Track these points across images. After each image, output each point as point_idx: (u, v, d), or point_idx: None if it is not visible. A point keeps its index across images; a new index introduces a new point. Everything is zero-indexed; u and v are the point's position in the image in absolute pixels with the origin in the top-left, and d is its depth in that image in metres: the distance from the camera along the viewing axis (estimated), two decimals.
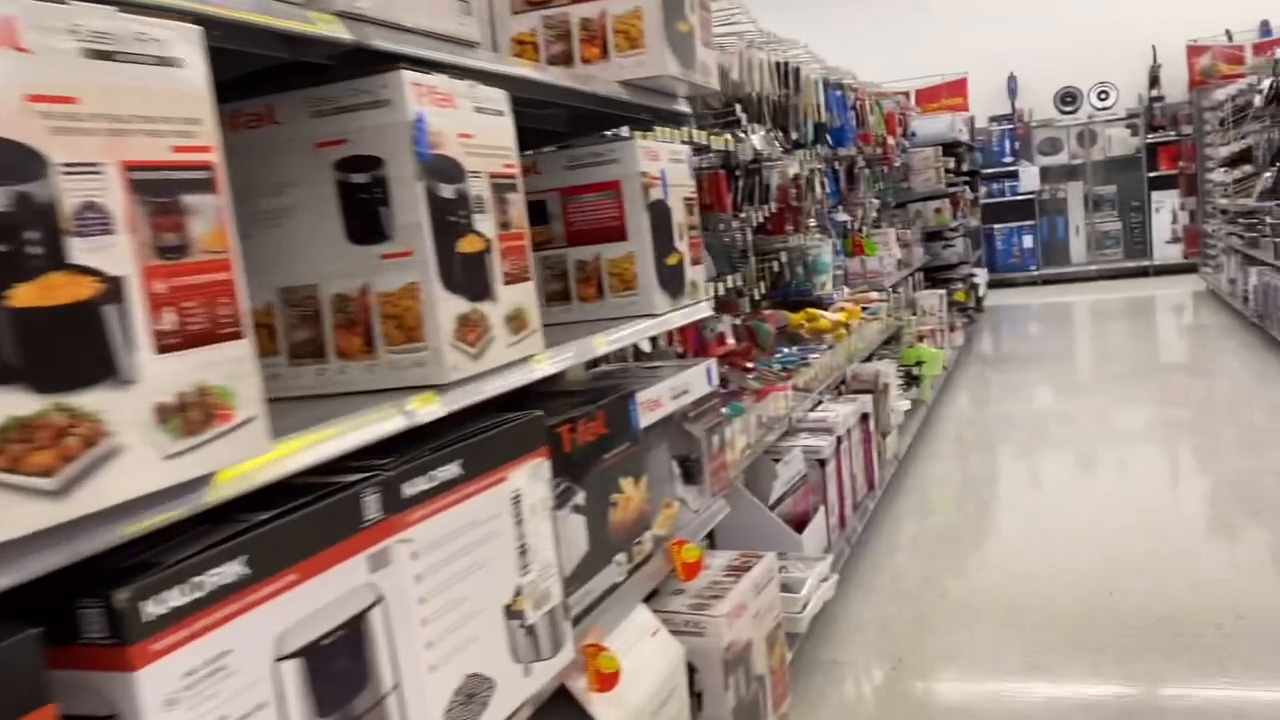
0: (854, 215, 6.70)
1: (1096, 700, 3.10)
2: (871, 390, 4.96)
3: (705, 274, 3.74)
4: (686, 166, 2.55)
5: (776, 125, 4.92)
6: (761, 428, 3.73)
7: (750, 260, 4.33)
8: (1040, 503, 5.01)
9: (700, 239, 2.59)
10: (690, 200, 2.56)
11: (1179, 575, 3.88)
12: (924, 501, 5.16)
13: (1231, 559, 4.04)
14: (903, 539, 4.59)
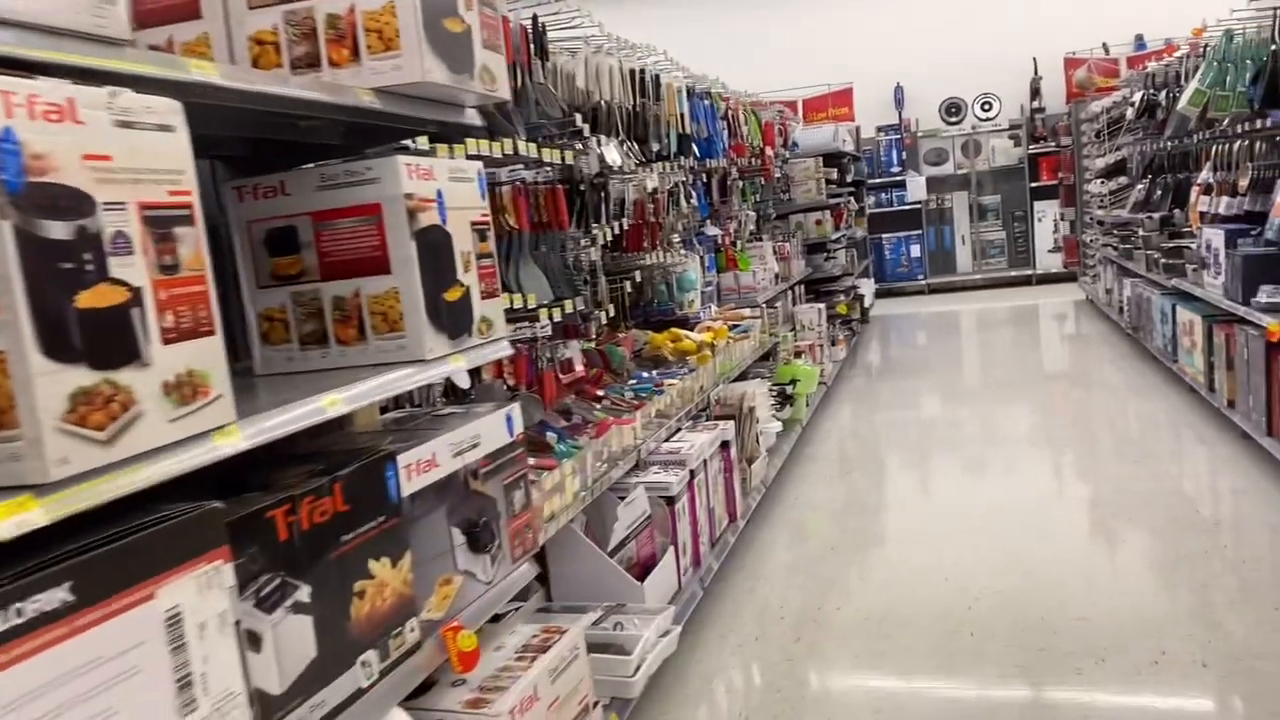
0: (727, 229, 6.46)
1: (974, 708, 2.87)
2: (735, 415, 4.71)
3: (540, 297, 3.44)
4: (476, 185, 2.23)
5: (633, 136, 4.64)
6: (604, 463, 3.42)
7: (600, 280, 4.03)
8: (919, 520, 4.82)
9: (494, 269, 2.27)
10: (482, 224, 2.24)
11: (1064, 585, 3.70)
12: (796, 527, 4.93)
13: (1111, 566, 3.89)
14: (769, 571, 4.34)
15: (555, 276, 3.60)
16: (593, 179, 3.89)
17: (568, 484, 3.10)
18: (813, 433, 6.68)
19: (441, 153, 2.71)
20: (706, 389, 4.81)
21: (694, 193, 5.67)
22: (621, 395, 4.07)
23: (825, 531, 4.88)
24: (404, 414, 2.47)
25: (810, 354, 7.30)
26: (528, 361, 3.37)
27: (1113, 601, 3.72)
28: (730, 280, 6.42)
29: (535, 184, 3.57)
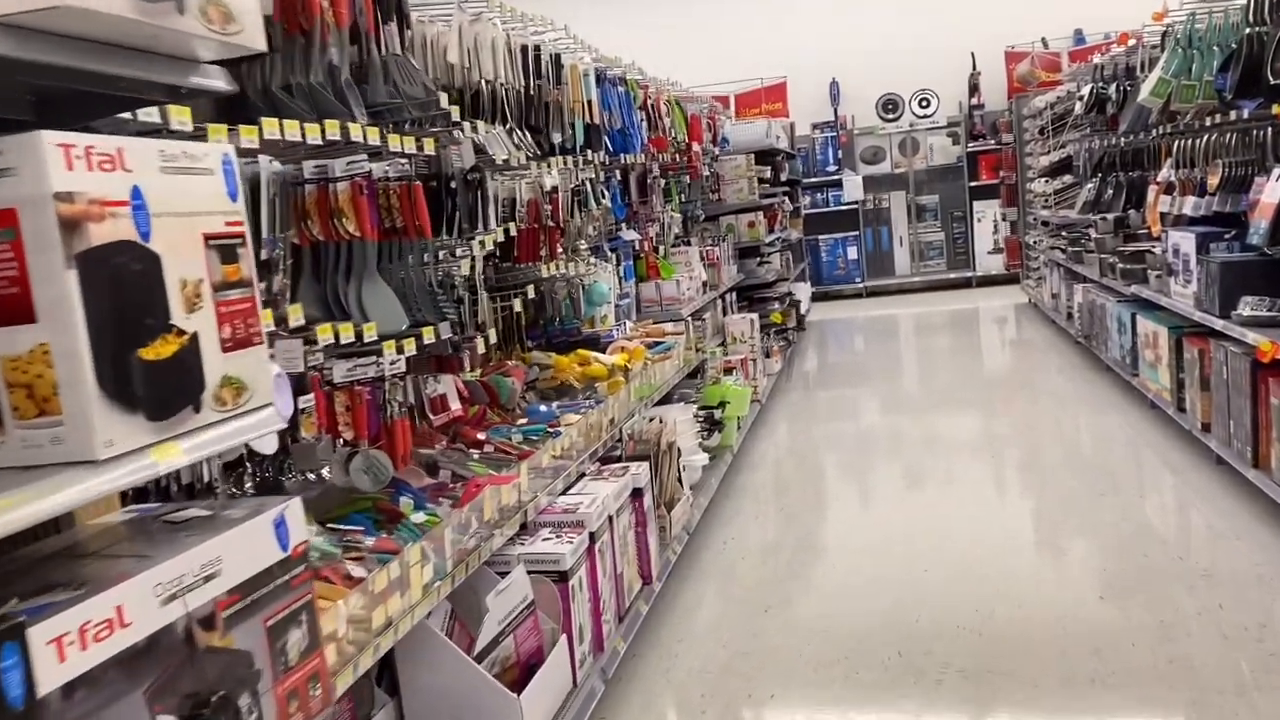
0: (647, 233, 5.75)
1: None
2: (652, 454, 3.99)
3: (388, 324, 2.68)
4: (219, 180, 1.48)
5: (525, 125, 3.90)
6: (473, 536, 2.68)
7: (480, 298, 3.29)
8: (863, 559, 4.16)
9: (251, 303, 1.52)
10: (228, 238, 1.48)
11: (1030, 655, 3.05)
12: (725, 579, 4.24)
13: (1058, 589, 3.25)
14: (692, 643, 3.63)
15: (414, 297, 2.85)
16: (465, 174, 3.14)
17: (415, 576, 2.35)
18: (745, 458, 5.99)
19: (214, 133, 1.96)
20: (618, 421, 4.09)
21: (606, 192, 4.95)
22: (508, 438, 3.33)
23: (759, 582, 4.18)
24: (146, 511, 1.70)
25: (743, 369, 6.62)
26: (370, 408, 2.63)
27: (1104, 697, 3.07)
28: (651, 291, 5.71)
29: (385, 180, 2.82)
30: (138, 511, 1.67)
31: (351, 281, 2.72)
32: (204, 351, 1.42)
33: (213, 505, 1.63)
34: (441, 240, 3.15)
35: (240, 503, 1.64)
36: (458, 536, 2.61)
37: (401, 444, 2.70)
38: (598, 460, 3.78)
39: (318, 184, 2.68)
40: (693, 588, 4.12)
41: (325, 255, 2.73)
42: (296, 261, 2.72)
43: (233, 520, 1.53)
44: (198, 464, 2.01)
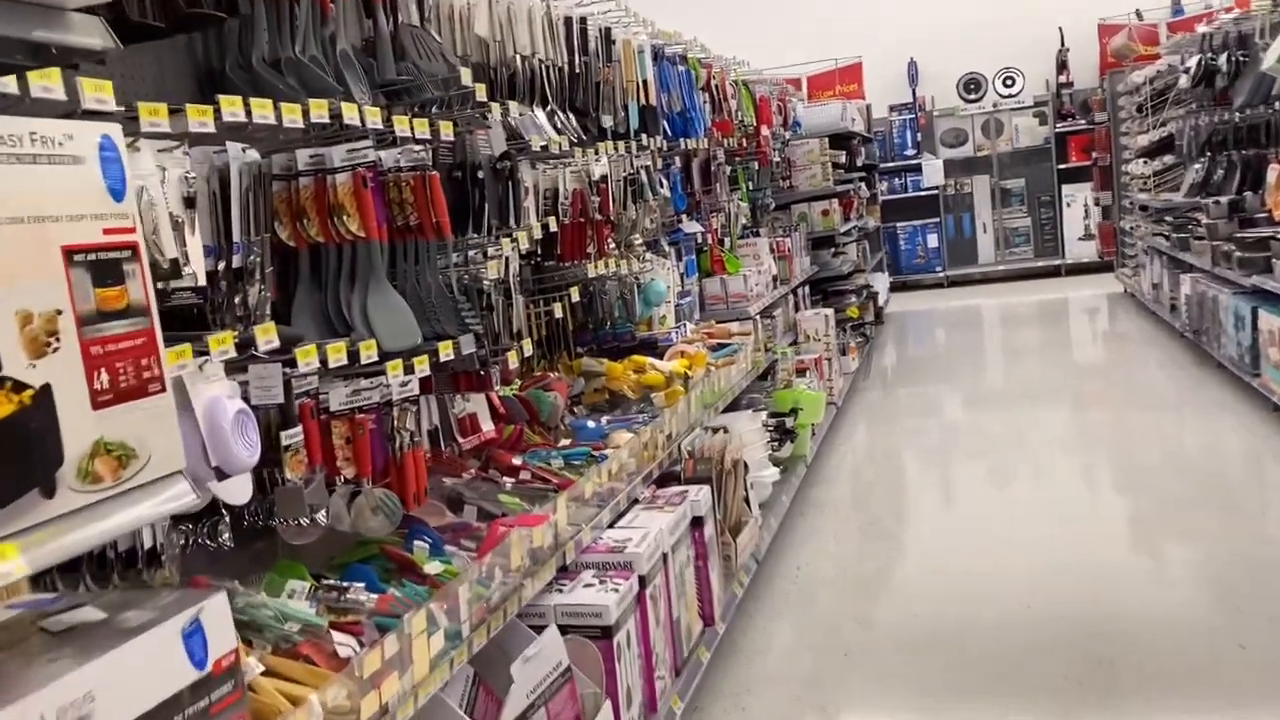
0: (711, 224, 5.29)
1: None
2: (714, 476, 3.54)
3: (396, 340, 2.28)
4: (89, 171, 1.08)
5: (569, 107, 3.47)
6: (496, 591, 2.27)
7: (515, 303, 2.87)
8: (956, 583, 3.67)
9: (149, 337, 1.12)
10: (103, 251, 1.08)
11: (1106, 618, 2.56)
12: (799, 615, 3.78)
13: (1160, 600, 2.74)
14: (763, 686, 3.19)
15: (431, 306, 2.44)
16: (494, 163, 2.73)
17: (420, 648, 1.95)
18: (820, 469, 5.50)
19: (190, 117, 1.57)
20: (677, 437, 3.65)
21: (665, 181, 4.50)
22: (546, 463, 2.91)
23: (837, 616, 3.71)
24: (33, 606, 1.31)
25: (817, 370, 6.13)
26: (375, 438, 2.23)
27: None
28: (715, 287, 5.25)
29: (396, 171, 2.41)
30: (22, 607, 1.28)
31: (355, 290, 2.32)
32: (61, 411, 1.01)
33: (112, 602, 1.23)
34: (467, 239, 2.74)
35: (150, 599, 1.24)
36: (478, 592, 2.20)
37: (414, 480, 2.29)
38: (652, 483, 3.35)
39: (314, 176, 2.28)
40: (762, 626, 3.67)
41: (325, 260, 2.33)
42: (290, 269, 2.34)
43: (128, 629, 1.13)
44: None
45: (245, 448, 1.71)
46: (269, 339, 1.81)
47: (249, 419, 1.74)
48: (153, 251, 1.59)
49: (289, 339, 1.91)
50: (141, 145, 1.60)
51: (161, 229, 1.61)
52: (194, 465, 1.68)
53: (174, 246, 1.65)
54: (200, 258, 1.76)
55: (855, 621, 3.71)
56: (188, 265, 1.71)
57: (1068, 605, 3.57)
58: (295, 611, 1.88)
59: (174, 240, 1.68)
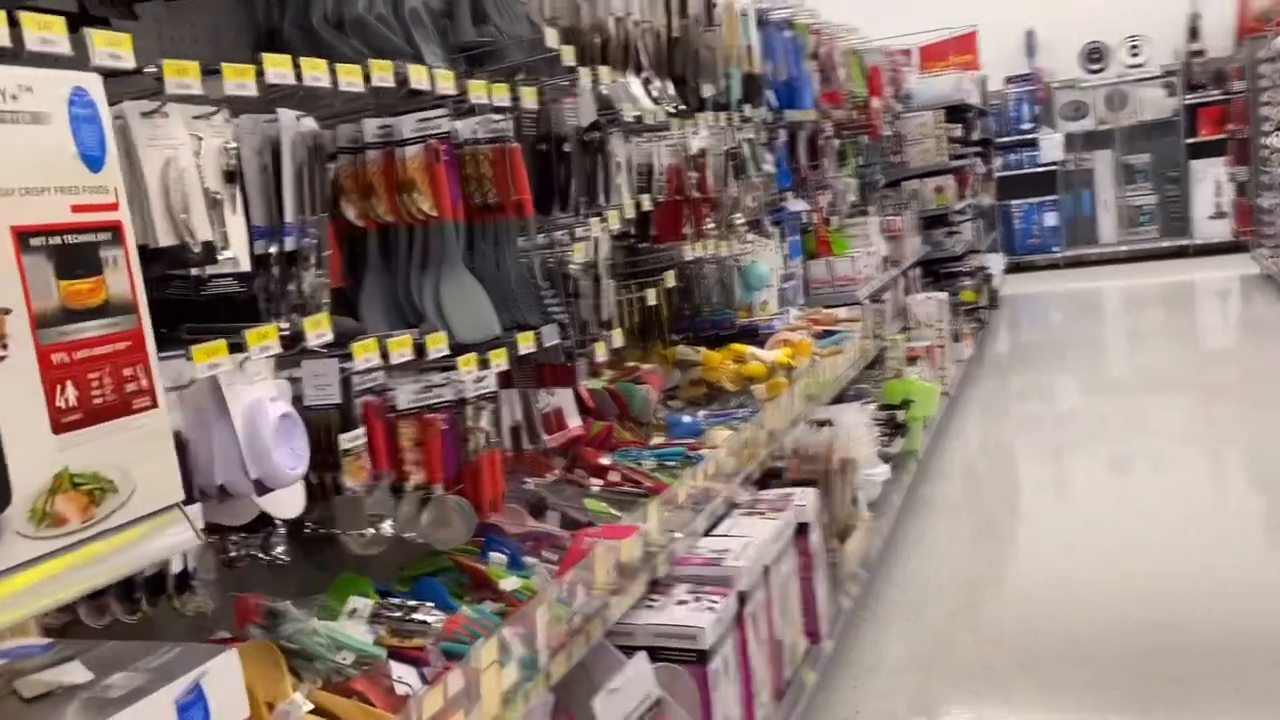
0: (817, 202, 4.96)
1: None
2: (821, 476, 3.25)
3: (471, 331, 2.05)
4: (55, 131, 0.87)
5: (667, 74, 3.20)
6: (579, 612, 2.04)
7: (605, 289, 2.62)
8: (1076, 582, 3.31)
9: (138, 334, 0.90)
10: (73, 233, 0.86)
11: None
12: (911, 619, 3.48)
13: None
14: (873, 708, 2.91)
15: (510, 293, 2.21)
16: (582, 134, 2.48)
17: (490, 682, 1.72)
18: (933, 464, 5.15)
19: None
20: (780, 433, 3.36)
21: (769, 156, 4.20)
22: (637, 463, 2.67)
23: (952, 631, 3.39)
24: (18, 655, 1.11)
25: (929, 358, 5.76)
26: (447, 440, 2.01)
27: None
28: (821, 270, 4.93)
29: (473, 144, 2.17)
30: (4, 656, 1.08)
31: (428, 276, 2.10)
32: (8, 437, 0.80)
33: (103, 658, 1.02)
34: (552, 219, 2.50)
35: (147, 656, 1.03)
36: (559, 614, 1.96)
37: (489, 486, 2.07)
38: (752, 484, 3.08)
39: (382, 149, 2.06)
40: (871, 639, 3.37)
41: (395, 243, 2.12)
42: (358, 252, 2.13)
43: (111, 698, 0.92)
44: None
45: (290, 457, 1.50)
46: (321, 332, 1.60)
47: (295, 424, 1.53)
48: (181, 233, 1.39)
49: (346, 331, 1.69)
50: (170, 110, 1.39)
51: (192, 207, 1.40)
52: (232, 477, 1.48)
53: (208, 227, 1.44)
54: (243, 240, 1.55)
55: (970, 633, 3.39)
56: (227, 249, 1.50)
57: (1199, 615, 3.19)
58: (350, 640, 1.67)
59: (211, 220, 1.47)
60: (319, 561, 2.09)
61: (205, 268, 1.47)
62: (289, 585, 2.03)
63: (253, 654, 1.60)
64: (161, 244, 1.37)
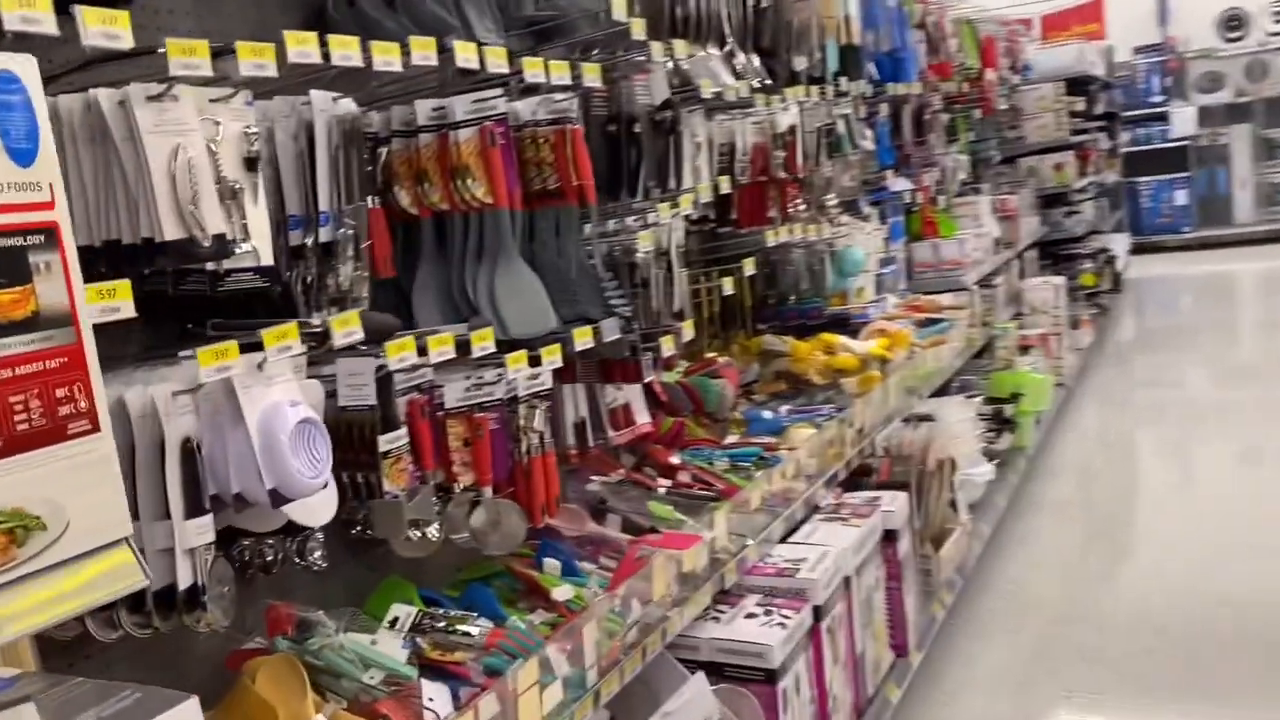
0: (922, 181, 4.70)
1: None
2: (914, 480, 3.05)
3: (525, 327, 1.93)
4: None
5: (754, 47, 3.02)
6: (634, 626, 1.91)
7: (677, 278, 2.47)
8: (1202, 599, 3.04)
9: (78, 349, 0.79)
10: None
11: None
12: (1010, 631, 3.26)
13: None
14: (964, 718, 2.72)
15: (571, 284, 2.08)
16: (652, 114, 2.32)
17: (529, 706, 1.60)
18: (1044, 462, 4.85)
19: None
20: (870, 430, 3.17)
21: (868, 132, 3.97)
22: (709, 463, 2.52)
23: (1059, 646, 3.15)
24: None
25: (1044, 347, 5.44)
26: (497, 440, 1.90)
27: None
28: (926, 252, 4.67)
29: (532, 125, 2.05)
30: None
31: (483, 267, 1.99)
32: None
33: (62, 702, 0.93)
34: (622, 204, 2.36)
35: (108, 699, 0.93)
36: (610, 628, 1.84)
37: (542, 490, 1.95)
38: (837, 486, 2.90)
39: (436, 132, 1.95)
40: (966, 652, 3.16)
41: (450, 231, 2.01)
42: (413, 241, 2.03)
43: None
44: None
45: (308, 464, 1.40)
46: (348, 330, 1.49)
47: (317, 430, 1.43)
48: (189, 225, 1.29)
49: (379, 329, 1.59)
50: (180, 93, 1.29)
51: (202, 198, 1.30)
52: (249, 485, 1.39)
53: (221, 220, 1.34)
54: (265, 231, 1.46)
55: (1077, 649, 3.15)
56: (246, 241, 1.41)
57: None
58: (379, 657, 1.57)
59: (229, 211, 1.38)
60: (369, 562, 2.01)
61: (222, 262, 1.37)
62: (336, 587, 1.96)
63: (276, 669, 1.52)
64: (167, 237, 1.28)
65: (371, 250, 1.92)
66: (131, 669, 1.58)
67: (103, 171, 1.29)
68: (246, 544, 1.72)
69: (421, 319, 1.99)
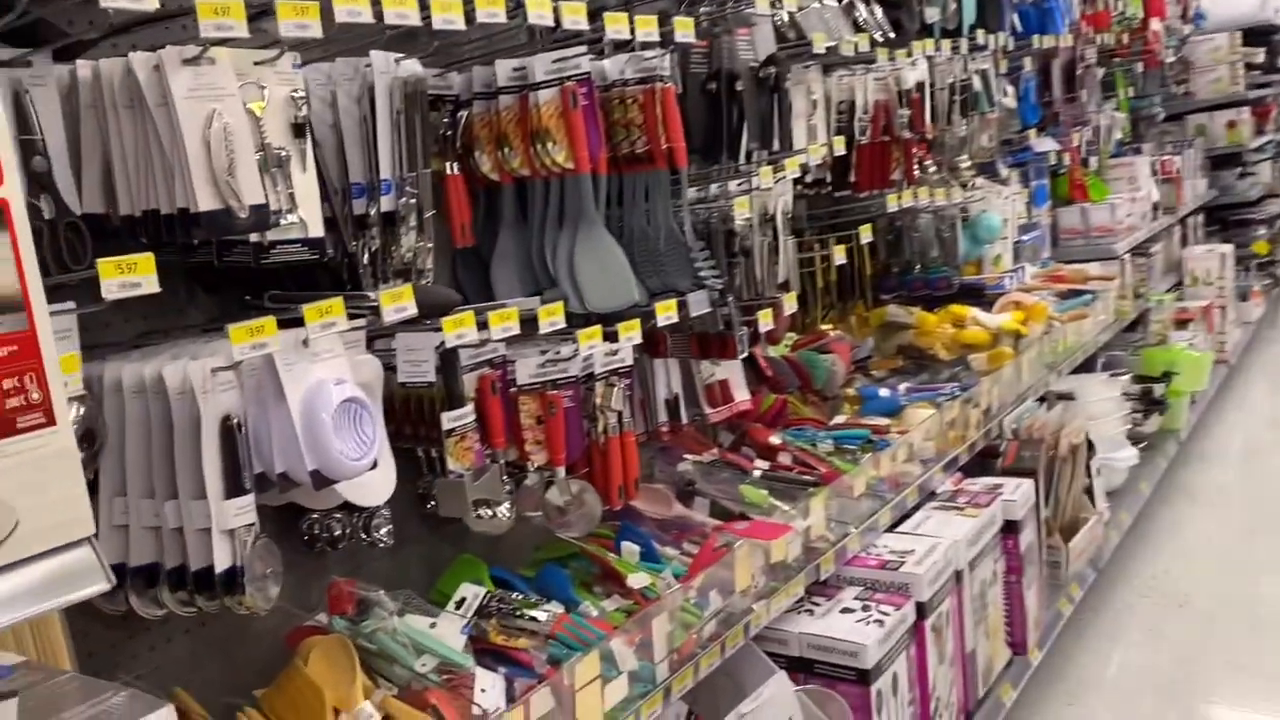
0: (1070, 141, 4.36)
1: None
2: (1042, 466, 2.82)
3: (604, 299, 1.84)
4: None
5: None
6: (713, 618, 1.80)
7: (783, 247, 2.33)
8: None
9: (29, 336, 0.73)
10: None
11: None
12: (1148, 632, 3.02)
13: None
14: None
15: (658, 255, 1.97)
16: (756, 71, 2.17)
17: (589, 702, 1.52)
18: (1198, 446, 4.48)
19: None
20: (998, 411, 2.96)
21: (1010, 89, 3.69)
22: (812, 444, 2.37)
23: (1201, 651, 2.89)
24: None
25: (1204, 321, 5.02)
26: (571, 419, 1.81)
27: None
28: (1073, 218, 4.34)
29: (621, 84, 1.93)
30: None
31: (563, 235, 1.89)
32: None
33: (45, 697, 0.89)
34: (722, 168, 2.23)
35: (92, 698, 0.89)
36: (685, 621, 1.74)
37: (619, 471, 1.85)
38: (957, 470, 2.71)
39: (517, 94, 1.86)
40: (1094, 651, 2.93)
41: (531, 198, 1.92)
42: (494, 208, 1.95)
43: None
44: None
45: (354, 445, 1.34)
46: (399, 305, 1.42)
47: (363, 409, 1.36)
48: (225, 196, 1.24)
49: (435, 303, 1.51)
50: (217, 56, 1.23)
51: (240, 166, 1.25)
52: (293, 465, 1.34)
53: (261, 190, 1.28)
54: (315, 201, 1.39)
55: (1223, 652, 2.88)
56: (293, 211, 1.35)
57: None
58: (434, 644, 1.51)
59: (274, 180, 1.32)
60: (445, 537, 1.97)
61: (266, 234, 1.32)
62: (411, 562, 1.92)
63: (329, 650, 1.48)
64: (202, 208, 1.23)
65: (446, 219, 1.86)
66: (193, 641, 1.58)
67: (141, 139, 1.25)
68: (315, 518, 1.70)
69: (499, 290, 1.92)
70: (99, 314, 1.45)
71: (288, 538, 1.66)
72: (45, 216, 1.21)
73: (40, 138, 1.20)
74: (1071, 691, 2.75)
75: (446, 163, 1.88)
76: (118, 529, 1.31)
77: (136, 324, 1.51)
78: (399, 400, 1.71)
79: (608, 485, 1.85)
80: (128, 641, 1.49)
